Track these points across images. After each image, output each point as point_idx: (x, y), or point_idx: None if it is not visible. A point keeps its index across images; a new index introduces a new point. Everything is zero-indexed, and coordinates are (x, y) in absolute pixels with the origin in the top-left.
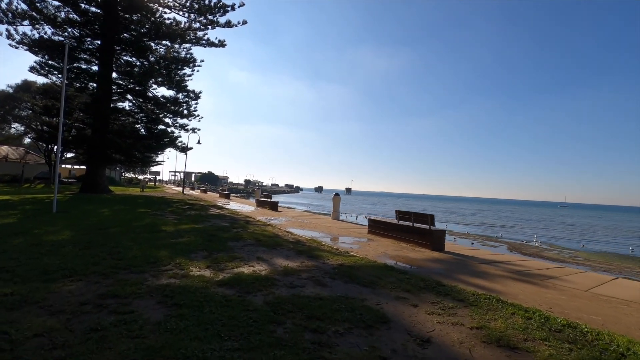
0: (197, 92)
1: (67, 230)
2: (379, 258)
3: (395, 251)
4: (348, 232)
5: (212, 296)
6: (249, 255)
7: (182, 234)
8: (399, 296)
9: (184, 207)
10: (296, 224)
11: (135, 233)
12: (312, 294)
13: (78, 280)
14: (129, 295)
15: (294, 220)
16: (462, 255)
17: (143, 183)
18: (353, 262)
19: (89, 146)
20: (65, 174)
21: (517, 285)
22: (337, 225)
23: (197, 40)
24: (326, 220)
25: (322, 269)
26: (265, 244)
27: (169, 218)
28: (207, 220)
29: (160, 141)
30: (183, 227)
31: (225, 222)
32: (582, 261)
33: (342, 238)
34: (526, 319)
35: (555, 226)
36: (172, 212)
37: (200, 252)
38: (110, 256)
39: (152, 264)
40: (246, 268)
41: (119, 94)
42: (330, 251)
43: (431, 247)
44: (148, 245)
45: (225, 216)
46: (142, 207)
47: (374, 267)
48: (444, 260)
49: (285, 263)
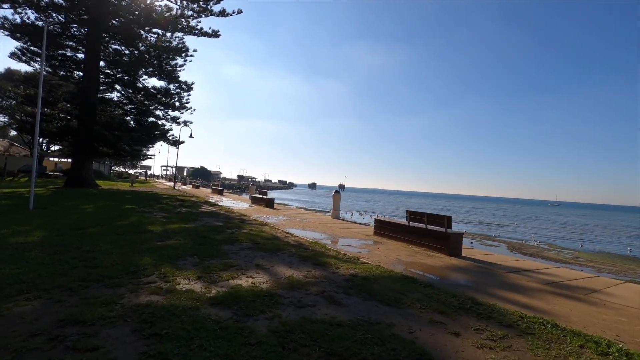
0: (190, 83)
1: (39, 230)
2: (394, 266)
3: (409, 257)
4: (352, 233)
5: (203, 321)
6: (246, 262)
7: (170, 235)
8: (433, 319)
9: (174, 204)
10: (295, 224)
11: (117, 234)
12: (327, 318)
13: (36, 297)
14: (97, 320)
15: (292, 219)
16: (483, 262)
17: (133, 177)
18: (367, 272)
19: (74, 138)
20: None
21: (562, 303)
22: (339, 225)
23: (190, 30)
24: (326, 219)
25: (333, 281)
26: (264, 247)
27: (157, 216)
28: (198, 219)
29: (150, 134)
30: (172, 226)
31: (219, 221)
32: (584, 262)
33: (347, 240)
34: (603, 356)
35: (551, 225)
36: (161, 209)
37: (189, 259)
38: (84, 263)
39: (132, 274)
40: (244, 279)
41: (107, 84)
42: (337, 257)
43: (448, 252)
44: (130, 249)
45: (218, 214)
46: (129, 204)
47: (393, 279)
48: (465, 268)
49: (289, 273)
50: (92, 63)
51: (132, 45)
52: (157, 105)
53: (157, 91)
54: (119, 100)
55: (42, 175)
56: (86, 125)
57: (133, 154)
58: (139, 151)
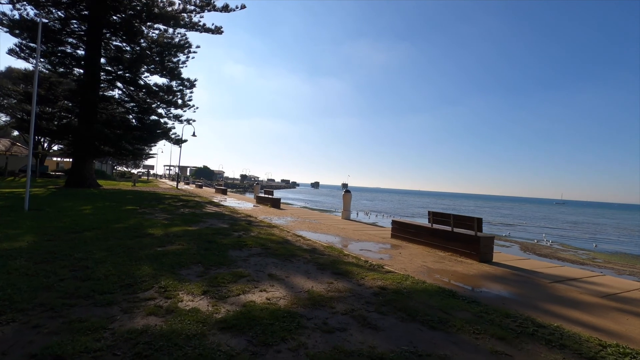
0: (192, 80)
1: (30, 234)
2: (424, 275)
3: (437, 263)
4: (367, 235)
5: (212, 355)
6: (257, 271)
7: (172, 240)
8: (495, 349)
9: (176, 204)
10: (305, 225)
11: (115, 238)
12: (364, 348)
13: (9, 321)
14: (79, 355)
15: (301, 220)
16: (519, 269)
17: (135, 177)
18: (397, 284)
19: (74, 137)
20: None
21: (634, 322)
22: (352, 227)
23: (192, 25)
24: (336, 220)
25: (361, 296)
26: (276, 253)
27: (159, 218)
28: (202, 221)
29: (152, 132)
30: (174, 229)
31: (224, 223)
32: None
33: (364, 244)
34: None
35: (560, 224)
36: (164, 210)
37: (194, 267)
38: (73, 274)
39: (128, 287)
40: (257, 294)
41: (108, 81)
42: (359, 265)
43: (478, 257)
44: (127, 256)
45: (223, 215)
46: (130, 204)
47: (428, 292)
48: (503, 277)
49: (307, 285)
50: (92, 60)
51: (133, 42)
52: (159, 103)
53: (159, 88)
54: (120, 98)
55: (43, 174)
56: (87, 123)
57: (135, 153)
58: (141, 150)
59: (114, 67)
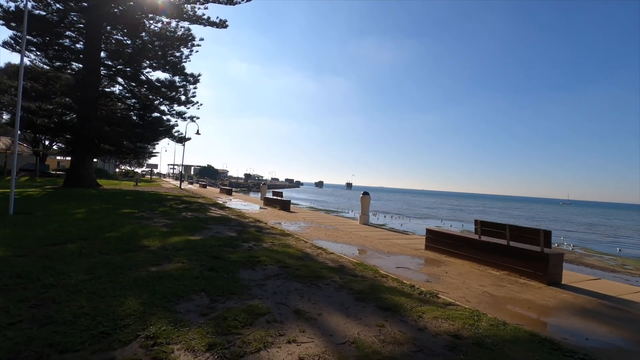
0: (196, 75)
1: (1, 247)
2: (492, 308)
3: (498, 288)
4: (397, 246)
5: None
6: (278, 305)
7: (170, 255)
8: None
9: (179, 207)
10: (322, 233)
11: (101, 253)
12: None
13: None
14: None
15: (316, 225)
16: (603, 296)
17: (137, 177)
18: (470, 327)
19: (73, 134)
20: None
21: None
22: (376, 235)
23: (196, 19)
24: (355, 225)
25: (431, 351)
26: (297, 273)
27: (157, 224)
28: (207, 227)
29: (154, 130)
30: (173, 240)
31: (232, 231)
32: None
33: (397, 258)
34: None
35: (576, 227)
36: (164, 213)
37: (196, 298)
38: (32, 312)
39: (102, 338)
40: (284, 349)
41: (109, 77)
42: (404, 291)
43: (546, 279)
44: (111, 281)
45: (229, 220)
46: (128, 207)
47: (522, 344)
48: (595, 310)
49: (350, 329)
50: (92, 54)
51: (134, 35)
52: (161, 100)
53: (161, 84)
54: (121, 94)
55: (43, 174)
56: (86, 120)
57: (136, 151)
58: (142, 149)
59: (115, 61)
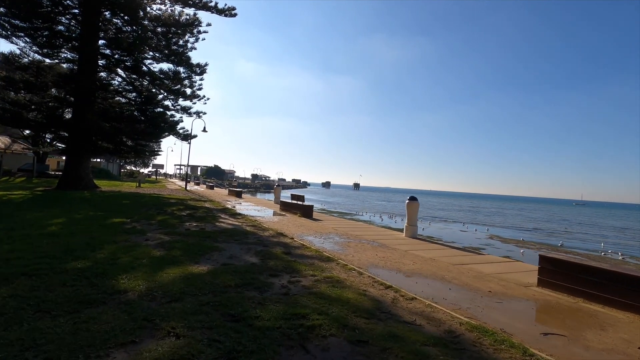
0: (203, 65)
1: None
2: None
3: None
4: (491, 279)
5: None
6: None
7: (157, 314)
8: None
9: (181, 214)
10: (370, 253)
11: (37, 310)
12: None
13: None
14: None
15: (354, 240)
16: None
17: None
18: None
19: (67, 130)
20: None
21: None
22: (441, 256)
23: (203, 5)
24: (400, 238)
25: None
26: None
27: (150, 242)
28: (216, 248)
29: (156, 126)
30: (168, 274)
31: (251, 253)
32: None
33: (514, 305)
34: None
35: (608, 230)
36: (162, 224)
37: None
38: None
39: None
40: None
41: (107, 68)
42: None
43: None
44: None
45: (245, 234)
46: (121, 215)
47: None
48: None
49: None
50: (88, 41)
51: (135, 21)
52: (165, 94)
53: (164, 75)
54: (121, 86)
55: (42, 174)
56: (81, 114)
57: (137, 149)
58: (143, 146)
59: (113, 51)
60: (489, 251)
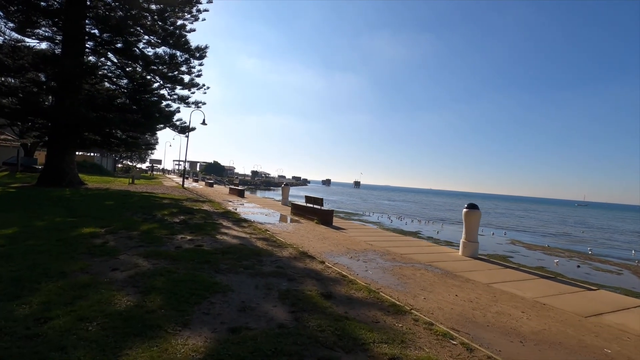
0: (202, 48)
1: None
2: None
3: None
4: None
5: None
6: None
7: None
8: None
9: (173, 222)
10: (442, 291)
11: None
12: None
13: None
14: None
15: (407, 264)
16: None
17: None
18: None
19: (47, 120)
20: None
21: None
22: (544, 294)
23: None
24: (457, 257)
25: None
26: None
27: (120, 274)
28: (217, 288)
29: (150, 116)
30: None
31: (272, 298)
32: None
33: None
34: None
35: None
36: (145, 237)
37: None
38: None
39: None
40: None
41: (95, 51)
42: None
43: None
44: None
45: (257, 254)
46: (97, 221)
47: None
48: None
49: None
50: (73, 18)
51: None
52: (161, 82)
53: (159, 59)
54: (110, 71)
55: (28, 168)
56: (64, 102)
57: (128, 142)
58: (135, 139)
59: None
60: (516, 259)
